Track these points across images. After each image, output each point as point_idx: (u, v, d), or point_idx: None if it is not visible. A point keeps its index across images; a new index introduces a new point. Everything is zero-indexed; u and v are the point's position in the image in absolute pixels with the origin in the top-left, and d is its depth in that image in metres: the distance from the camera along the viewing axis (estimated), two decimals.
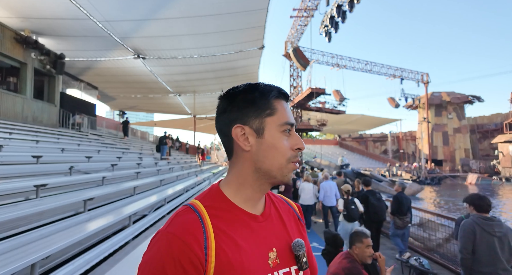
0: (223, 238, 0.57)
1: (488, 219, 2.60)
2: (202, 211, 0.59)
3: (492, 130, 41.46)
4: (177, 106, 22.40)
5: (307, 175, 7.31)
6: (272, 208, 0.69)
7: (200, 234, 0.55)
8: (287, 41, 26.80)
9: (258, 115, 0.63)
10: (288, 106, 0.68)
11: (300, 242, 0.64)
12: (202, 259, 0.53)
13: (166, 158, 12.15)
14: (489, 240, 2.50)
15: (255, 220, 0.63)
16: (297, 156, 0.64)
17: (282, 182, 0.64)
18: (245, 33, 10.52)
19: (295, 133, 0.65)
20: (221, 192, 0.64)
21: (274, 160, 0.62)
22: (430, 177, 30.01)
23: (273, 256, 0.60)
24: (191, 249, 0.52)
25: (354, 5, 16.56)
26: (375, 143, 52.74)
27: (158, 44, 11.00)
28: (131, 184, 5.38)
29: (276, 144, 0.62)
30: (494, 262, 2.46)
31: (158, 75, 14.38)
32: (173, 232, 0.54)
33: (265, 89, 0.64)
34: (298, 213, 0.77)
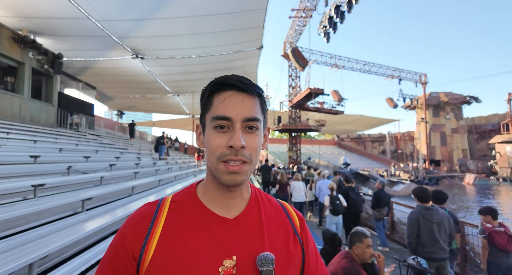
0: (170, 235, 0.56)
1: (428, 208, 3.12)
2: (164, 205, 0.61)
3: (490, 131, 41.69)
4: (175, 107, 22.37)
5: (297, 174, 7.74)
6: (253, 213, 0.63)
7: (145, 226, 0.57)
8: (285, 41, 26.84)
9: (203, 112, 0.62)
10: (239, 97, 0.57)
11: (266, 257, 0.55)
12: (136, 251, 0.55)
13: (164, 158, 12.13)
14: (429, 226, 3.05)
15: (221, 222, 0.59)
16: (232, 154, 0.55)
17: (222, 184, 0.58)
18: (244, 33, 10.53)
19: (235, 129, 0.56)
20: (194, 190, 0.64)
21: (208, 158, 0.58)
22: (428, 177, 30.13)
23: (229, 265, 0.54)
24: (127, 237, 0.57)
25: (352, 6, 16.61)
26: (374, 143, 52.88)
27: (157, 44, 10.98)
28: (129, 184, 5.37)
29: (207, 141, 0.58)
30: (433, 243, 3.02)
31: (157, 75, 14.36)
32: (127, 219, 0.61)
33: (209, 83, 0.60)
34: (298, 227, 0.67)
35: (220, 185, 0.59)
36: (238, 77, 0.59)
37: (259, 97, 0.61)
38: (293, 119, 27.14)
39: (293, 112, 27.30)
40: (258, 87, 0.61)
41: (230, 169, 0.55)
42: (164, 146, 12.11)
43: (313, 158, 28.23)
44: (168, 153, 14.02)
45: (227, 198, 0.61)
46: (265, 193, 0.72)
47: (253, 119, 0.57)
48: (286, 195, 7.76)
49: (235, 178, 0.56)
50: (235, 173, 0.56)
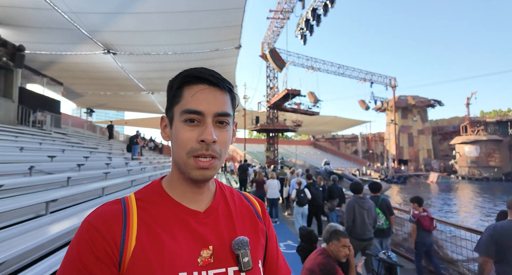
0: (146, 231, 0.54)
1: (361, 198, 3.97)
2: (130, 203, 0.58)
3: (451, 132, 44.95)
4: (150, 105, 21.64)
5: (272, 173, 8.13)
6: (221, 204, 0.64)
7: (119, 225, 0.54)
8: (263, 42, 27.02)
9: (170, 105, 0.60)
10: (211, 92, 0.57)
11: (242, 240, 0.58)
12: (115, 250, 0.51)
13: (137, 158, 11.69)
14: (361, 212, 3.82)
15: (193, 216, 0.59)
16: (202, 149, 0.54)
17: (191, 179, 0.57)
18: (222, 31, 10.43)
19: (207, 123, 0.55)
20: (159, 186, 0.62)
21: (177, 152, 0.57)
22: (397, 176, 31.82)
23: (206, 254, 0.56)
24: (105, 238, 0.52)
25: (328, 9, 17.11)
26: (347, 143, 54.88)
27: (131, 40, 10.55)
28: (99, 185, 5.09)
29: (176, 135, 0.57)
30: (364, 226, 3.79)
31: (130, 72, 13.79)
32: (88, 220, 0.54)
33: (178, 75, 0.59)
34: (260, 211, 0.71)
35: (188, 180, 0.59)
36: (209, 71, 0.58)
37: (230, 93, 0.61)
38: (270, 119, 27.39)
39: (271, 112, 27.56)
40: (229, 82, 0.60)
41: (201, 165, 0.55)
42: (137, 145, 11.67)
43: (290, 157, 28.69)
44: (141, 152, 13.54)
45: (196, 193, 0.61)
46: (226, 184, 0.74)
47: (225, 114, 0.57)
48: (262, 192, 7.98)
49: (205, 173, 0.56)
50: (205, 168, 0.56)
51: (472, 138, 38.24)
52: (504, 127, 38.36)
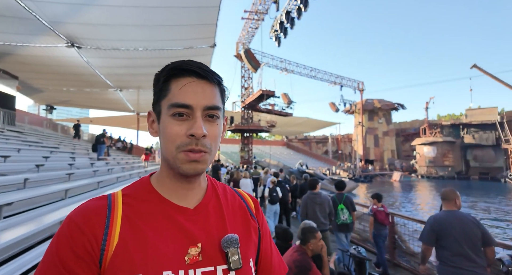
0: (130, 228, 0.53)
1: (314, 193, 4.31)
2: (116, 199, 0.56)
3: (412, 134, 48.32)
4: (118, 103, 20.57)
5: (246, 173, 8.25)
6: (212, 201, 0.63)
7: (101, 221, 0.52)
8: (238, 42, 26.99)
9: (157, 99, 0.58)
10: (199, 85, 0.55)
11: (231, 237, 0.57)
12: (96, 246, 0.50)
13: (104, 158, 11.07)
14: (313, 207, 4.20)
15: (182, 213, 0.57)
16: (192, 144, 0.53)
17: (181, 174, 0.56)
18: (196, 29, 10.24)
19: (196, 117, 0.54)
20: (148, 182, 0.61)
21: (166, 147, 0.55)
22: (364, 175, 33.48)
23: (195, 252, 0.54)
24: (84, 234, 0.50)
25: (301, 13, 17.54)
26: (318, 144, 56.67)
27: (98, 33, 9.95)
28: (61, 187, 4.74)
29: (164, 129, 0.55)
30: (315, 219, 4.02)
31: (96, 68, 13.01)
32: (71, 216, 0.53)
33: (165, 68, 0.57)
34: (253, 208, 0.70)
35: (178, 175, 0.58)
36: (197, 63, 0.56)
37: (219, 85, 0.59)
38: (245, 120, 27.44)
39: (246, 113, 27.61)
40: (218, 75, 0.59)
41: (192, 157, 0.54)
42: (104, 145, 11.05)
43: (264, 158, 28.93)
44: (108, 153, 12.84)
45: (186, 189, 0.60)
46: (218, 181, 0.72)
47: (214, 108, 0.56)
48: None
49: (196, 167, 0.55)
50: (196, 161, 0.54)
51: (430, 140, 41.43)
52: (457, 130, 42.07)
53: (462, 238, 2.35)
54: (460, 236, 2.35)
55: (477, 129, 40.31)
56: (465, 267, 2.30)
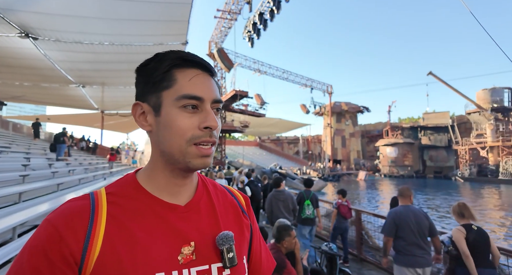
0: (117, 228, 0.49)
1: (278, 191, 4.71)
2: (100, 198, 0.52)
3: (376, 136, 51.34)
4: (80, 100, 19.21)
5: (220, 173, 8.41)
6: (204, 198, 0.61)
7: (84, 223, 0.48)
8: (211, 41, 26.65)
9: (155, 90, 0.54)
10: (205, 77, 0.55)
11: (226, 235, 0.55)
12: (75, 251, 0.46)
13: (64, 158, 10.28)
14: (277, 203, 4.55)
15: (172, 210, 0.54)
16: (206, 135, 0.52)
17: (187, 168, 0.53)
18: (167, 25, 9.92)
19: (206, 109, 0.53)
20: (134, 179, 0.57)
21: (172, 141, 0.52)
22: (332, 175, 34.83)
23: (188, 251, 0.52)
24: (62, 238, 0.46)
25: (274, 15, 17.79)
26: (289, 144, 57.90)
27: (57, 24, 9.21)
28: (14, 189, 4.31)
29: (171, 122, 0.52)
30: (278, 214, 4.44)
31: (56, 61, 12.03)
32: (49, 219, 0.48)
33: (163, 57, 0.54)
34: (244, 206, 0.69)
35: (176, 171, 0.55)
36: (197, 55, 0.55)
37: (215, 80, 0.59)
38: None
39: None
40: (214, 69, 0.59)
41: (204, 152, 0.52)
42: (64, 144, 10.27)
43: (237, 158, 28.84)
44: (69, 153, 11.96)
45: (179, 185, 0.57)
46: (208, 178, 0.70)
47: (220, 101, 0.56)
48: None
49: (206, 161, 0.53)
50: (207, 156, 0.53)
51: (392, 141, 44.34)
52: (415, 132, 45.49)
53: (416, 229, 2.72)
54: (414, 227, 2.72)
55: (433, 131, 44.00)
56: (418, 255, 2.68)
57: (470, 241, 2.54)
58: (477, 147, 36.80)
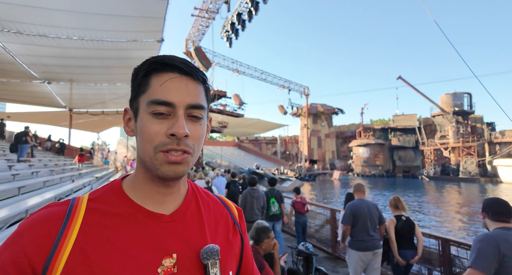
0: (92, 238, 0.47)
1: (253, 189, 4.95)
2: (79, 204, 0.50)
3: (350, 137, 53.29)
4: (45, 97, 17.98)
5: (200, 174, 8.41)
6: (191, 207, 0.58)
7: (52, 231, 0.46)
8: (188, 39, 26.14)
9: (135, 95, 0.53)
10: (182, 81, 0.51)
11: (211, 248, 0.52)
12: (36, 262, 0.43)
13: (26, 159, 9.56)
14: (252, 200, 4.81)
15: (156, 219, 0.52)
16: (173, 143, 0.48)
17: (158, 175, 0.50)
18: (141, 22, 9.57)
19: (178, 115, 0.49)
20: (119, 185, 0.55)
21: (143, 147, 0.50)
22: (308, 175, 35.60)
23: (169, 264, 0.49)
24: (23, 248, 0.44)
25: (252, 16, 17.84)
26: (268, 145, 58.33)
27: (18, 15, 8.54)
28: None
29: (141, 128, 0.50)
30: (251, 211, 4.73)
31: (17, 55, 11.16)
32: (20, 225, 0.47)
33: (145, 62, 0.52)
34: (237, 217, 0.66)
35: (155, 179, 0.52)
36: (181, 58, 0.52)
37: (203, 84, 0.55)
38: None
39: None
40: (203, 72, 0.55)
41: (172, 159, 0.49)
42: (26, 144, 9.55)
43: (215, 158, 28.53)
44: (32, 153, 11.15)
45: (163, 194, 0.54)
46: (201, 187, 0.68)
47: (198, 107, 0.51)
48: None
49: (176, 169, 0.50)
50: (177, 163, 0.49)
51: (364, 141, 46.26)
52: (386, 133, 47.85)
53: (368, 218, 3.23)
54: (367, 217, 3.23)
55: (402, 133, 46.54)
56: (367, 240, 3.21)
57: (398, 229, 3.20)
58: (441, 147, 39.47)
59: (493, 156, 35.08)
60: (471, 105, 40.81)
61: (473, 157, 35.85)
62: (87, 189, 8.54)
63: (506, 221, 1.68)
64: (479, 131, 39.73)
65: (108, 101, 19.01)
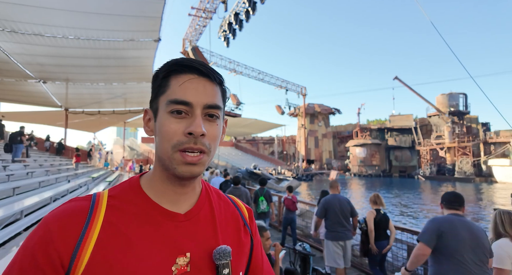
0: (112, 234, 0.48)
1: (235, 188, 5.17)
2: (100, 200, 0.52)
3: (346, 137, 53.46)
4: (40, 96, 17.81)
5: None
6: (205, 207, 0.59)
7: (78, 225, 0.48)
8: (185, 38, 26.07)
9: (155, 96, 0.55)
10: (200, 82, 0.53)
11: (224, 250, 0.54)
12: (64, 255, 0.45)
13: (22, 159, 9.47)
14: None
15: (171, 218, 0.53)
16: (190, 142, 0.50)
17: (175, 175, 0.52)
18: (138, 21, 9.52)
19: (195, 115, 0.51)
20: (137, 182, 0.57)
21: (161, 146, 0.52)
22: (305, 174, 35.67)
23: (183, 262, 0.51)
24: (52, 240, 0.46)
25: (250, 16, 17.83)
26: (265, 145, 58.34)
27: (13, 13, 8.46)
28: None
29: (161, 127, 0.52)
30: None
31: (11, 54, 11.05)
32: (46, 219, 0.49)
33: (165, 64, 0.55)
34: (247, 218, 0.68)
35: (171, 178, 0.54)
36: (199, 61, 0.55)
37: (220, 85, 0.57)
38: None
39: None
40: (220, 74, 0.57)
41: (188, 160, 0.50)
42: (21, 144, 9.46)
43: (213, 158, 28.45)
44: (27, 153, 11.05)
45: (178, 193, 0.56)
46: (213, 187, 0.69)
47: (215, 107, 0.53)
48: None
49: (192, 170, 0.51)
50: (193, 164, 0.51)
51: (361, 141, 46.45)
52: (382, 133, 48.10)
53: (340, 211, 3.61)
54: (338, 210, 3.61)
55: (398, 133, 46.80)
56: (339, 231, 3.59)
57: (377, 221, 3.58)
58: (437, 147, 39.78)
59: (488, 156, 35.43)
60: (467, 106, 41.20)
61: (468, 156, 36.17)
62: (83, 189, 8.48)
63: (457, 208, 2.11)
64: (474, 131, 40.10)
65: (105, 101, 18.90)
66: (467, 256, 1.91)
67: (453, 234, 1.97)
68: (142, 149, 36.76)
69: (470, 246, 1.93)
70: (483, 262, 1.93)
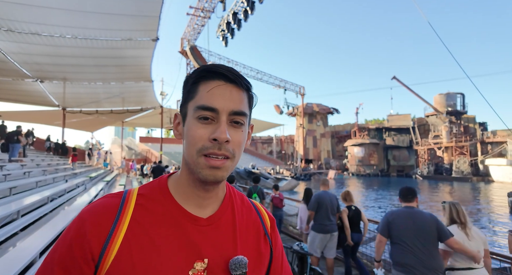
0: (137, 233, 0.50)
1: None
2: (130, 198, 0.55)
3: (345, 136, 53.55)
4: (37, 95, 17.73)
5: None
6: (227, 213, 0.59)
7: (108, 222, 0.50)
8: (183, 38, 26.02)
9: (184, 101, 0.57)
10: (227, 88, 0.53)
11: (240, 261, 0.53)
12: (95, 249, 0.48)
13: (19, 159, 9.43)
14: None
15: (194, 222, 0.54)
16: (214, 148, 0.51)
17: (199, 179, 0.53)
18: (136, 20, 9.49)
19: (221, 121, 0.52)
20: (165, 183, 0.59)
21: (188, 151, 0.53)
22: (304, 174, 35.72)
23: (200, 268, 0.51)
24: (86, 235, 0.49)
25: (248, 15, 17.81)
26: (263, 144, 58.37)
27: (10, 12, 8.41)
28: None
29: (188, 131, 0.54)
30: None
31: (8, 53, 10.99)
32: (82, 213, 0.52)
33: (195, 70, 0.57)
34: (268, 227, 0.66)
35: (196, 181, 0.55)
36: (227, 67, 0.55)
37: (247, 91, 0.57)
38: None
39: None
40: (247, 80, 0.57)
41: (212, 163, 0.51)
42: (18, 144, 9.42)
43: None
44: (24, 153, 11.00)
45: (202, 198, 0.57)
46: (238, 191, 0.69)
47: (240, 113, 0.54)
48: None
49: (216, 173, 0.52)
50: (216, 167, 0.52)
51: (359, 141, 46.55)
52: (380, 133, 48.23)
53: (329, 206, 3.95)
54: (328, 205, 3.95)
55: (396, 132, 46.94)
56: (326, 224, 3.94)
57: (350, 216, 4.01)
58: (434, 147, 39.94)
59: (485, 156, 35.64)
60: (464, 106, 41.39)
61: (465, 156, 36.36)
62: (80, 189, 8.45)
63: (410, 201, 2.52)
64: (471, 131, 40.31)
65: (102, 100, 18.81)
66: (410, 242, 2.30)
67: (397, 224, 2.41)
68: (140, 149, 36.68)
69: (413, 233, 2.32)
70: (428, 246, 2.28)
